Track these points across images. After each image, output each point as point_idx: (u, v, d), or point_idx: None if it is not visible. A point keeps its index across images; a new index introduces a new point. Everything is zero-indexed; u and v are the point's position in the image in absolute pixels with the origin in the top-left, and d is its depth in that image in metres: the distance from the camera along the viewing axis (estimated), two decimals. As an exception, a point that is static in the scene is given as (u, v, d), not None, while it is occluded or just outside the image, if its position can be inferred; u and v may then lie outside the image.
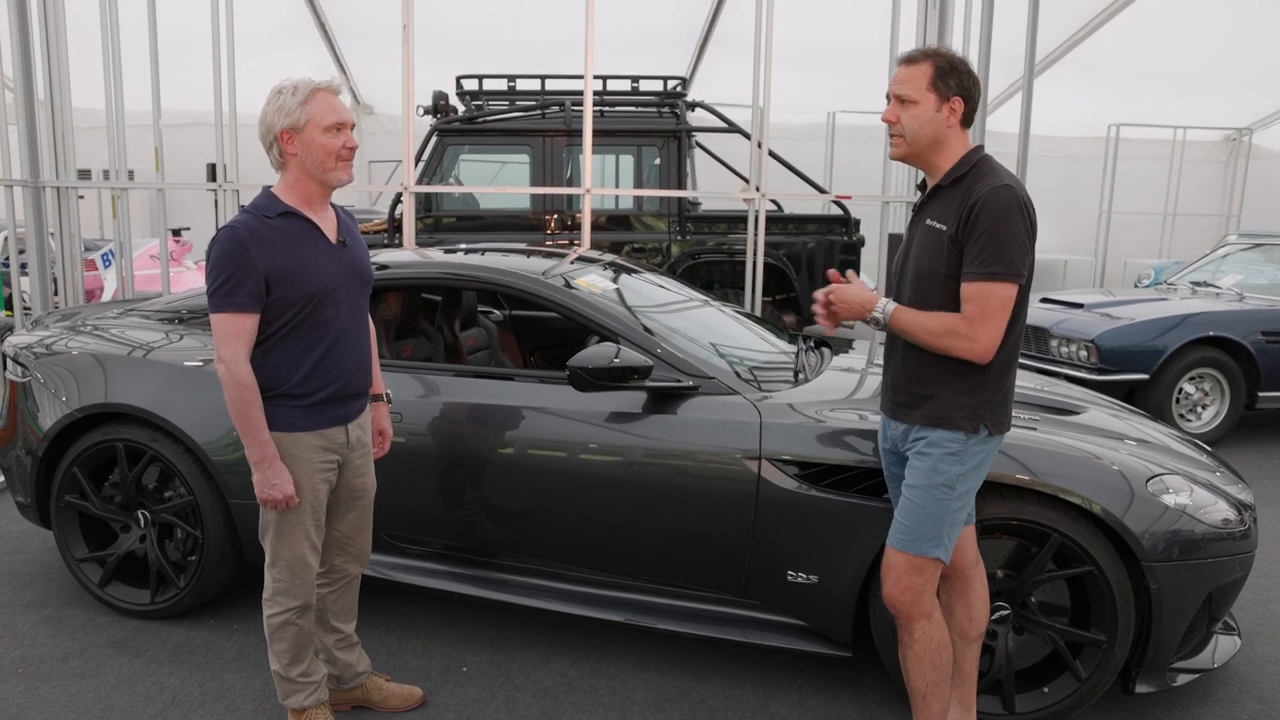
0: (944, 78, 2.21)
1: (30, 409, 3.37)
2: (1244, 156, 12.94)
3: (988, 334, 2.15)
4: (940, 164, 2.27)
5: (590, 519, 2.94)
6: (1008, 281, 2.14)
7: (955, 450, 2.24)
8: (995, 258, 2.13)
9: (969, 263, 2.16)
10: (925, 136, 2.24)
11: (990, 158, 2.26)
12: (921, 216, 2.33)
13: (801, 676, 3.02)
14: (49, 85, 5.13)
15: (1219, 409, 6.07)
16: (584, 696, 2.87)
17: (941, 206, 2.25)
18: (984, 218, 2.13)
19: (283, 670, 2.51)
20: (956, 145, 2.26)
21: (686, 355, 2.99)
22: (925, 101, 2.22)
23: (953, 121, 2.23)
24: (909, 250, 2.35)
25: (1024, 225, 2.14)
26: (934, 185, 2.30)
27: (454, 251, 3.62)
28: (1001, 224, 2.11)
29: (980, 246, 2.14)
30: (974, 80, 2.24)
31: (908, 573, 2.29)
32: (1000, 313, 2.15)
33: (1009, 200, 2.12)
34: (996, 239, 2.12)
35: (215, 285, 2.22)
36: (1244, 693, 3.01)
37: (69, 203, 5.37)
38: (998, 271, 2.13)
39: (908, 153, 2.30)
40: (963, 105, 2.23)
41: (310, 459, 2.36)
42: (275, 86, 2.26)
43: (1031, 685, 2.76)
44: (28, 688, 2.85)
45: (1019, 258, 2.13)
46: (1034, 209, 2.20)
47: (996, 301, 2.14)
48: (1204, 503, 2.75)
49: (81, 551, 3.36)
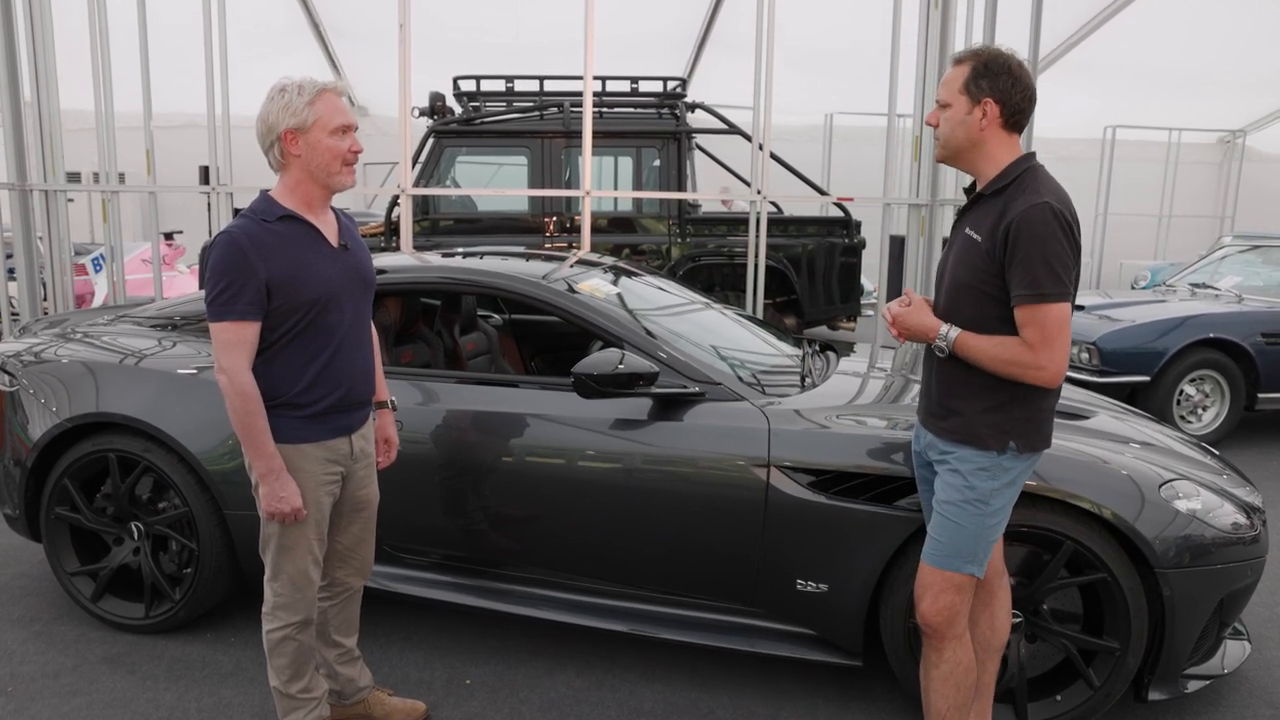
0: (976, 80, 2.14)
1: (18, 419, 3.30)
2: (1238, 159, 12.99)
3: (1054, 358, 2.08)
4: (984, 169, 2.20)
5: (595, 527, 2.89)
6: (1060, 301, 2.06)
7: (986, 466, 2.19)
8: (1044, 278, 2.05)
9: (1016, 285, 2.09)
10: (958, 140, 2.18)
11: (1037, 169, 2.16)
12: (963, 223, 2.26)
13: (810, 686, 2.98)
14: (35, 86, 5.06)
15: (1219, 410, 6.06)
16: (590, 709, 2.82)
17: (980, 216, 2.18)
18: (1024, 238, 2.05)
19: (282, 686, 2.45)
20: (1000, 151, 2.18)
21: (691, 360, 2.94)
22: (958, 104, 2.16)
23: (987, 125, 2.15)
24: (948, 257, 2.30)
25: (1066, 242, 2.06)
26: (977, 193, 2.23)
27: (452, 255, 3.57)
28: (1043, 244, 2.04)
29: (1026, 268, 2.06)
30: (1017, 83, 2.13)
31: (945, 591, 2.24)
32: (1060, 333, 2.08)
33: (1046, 218, 2.04)
34: (1042, 259, 2.04)
35: (215, 293, 2.15)
36: (1255, 698, 2.97)
37: (57, 206, 5.30)
38: (1048, 293, 2.05)
39: (944, 155, 2.25)
40: (998, 109, 2.14)
41: (314, 471, 2.30)
42: (277, 85, 2.20)
43: (1044, 693, 2.72)
44: (18, 708, 2.78)
45: (1065, 274, 2.06)
46: (1075, 221, 2.12)
47: (1054, 323, 2.07)
48: (1213, 507, 2.72)
49: (73, 565, 3.29)
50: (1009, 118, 2.15)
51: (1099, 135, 11.72)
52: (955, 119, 2.17)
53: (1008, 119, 2.15)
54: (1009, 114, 2.15)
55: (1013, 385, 2.15)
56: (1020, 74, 2.15)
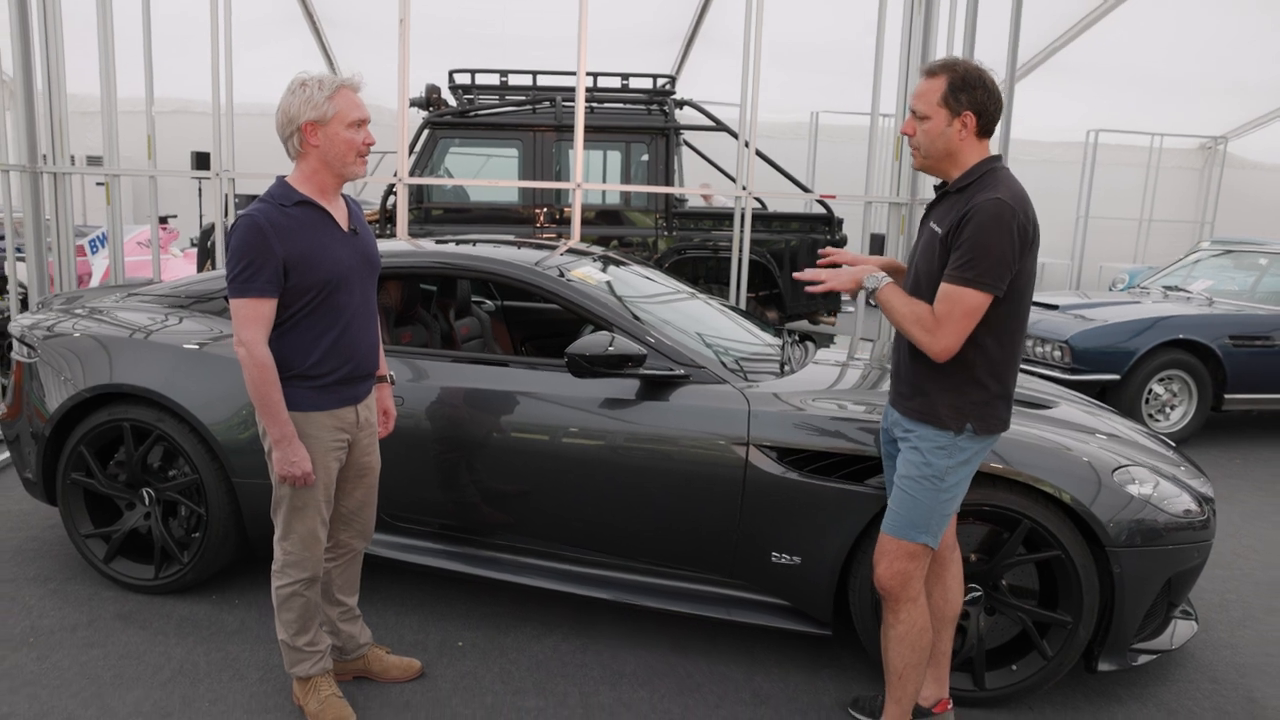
0: (955, 94, 2.28)
1: (37, 389, 3.45)
2: (1219, 164, 13.23)
3: (947, 335, 2.24)
4: (955, 174, 2.35)
5: (583, 501, 3.07)
6: (981, 290, 2.21)
7: (944, 445, 2.36)
8: (974, 265, 2.20)
9: (950, 265, 2.25)
10: (938, 150, 2.33)
11: (1001, 169, 2.31)
12: (929, 218, 2.44)
13: (783, 654, 3.17)
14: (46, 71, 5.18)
15: (1187, 410, 6.27)
16: (576, 670, 3.00)
17: (944, 211, 2.35)
18: (972, 226, 2.21)
19: (290, 639, 2.62)
20: (971, 155, 2.33)
21: (677, 345, 3.12)
22: (937, 117, 2.30)
23: (965, 135, 2.30)
24: (915, 249, 2.48)
25: (1011, 239, 2.20)
26: (944, 190, 2.40)
27: (444, 243, 3.73)
28: (986, 234, 2.19)
29: (962, 252, 2.22)
30: (991, 94, 2.29)
31: (899, 558, 2.42)
32: (965, 319, 2.23)
33: (999, 213, 2.19)
34: (984, 248, 2.19)
35: (236, 271, 2.32)
36: (1199, 673, 3.18)
37: (66, 189, 5.42)
38: (971, 278, 2.21)
39: (924, 165, 2.40)
40: (975, 120, 2.29)
41: (324, 438, 2.47)
42: (298, 79, 2.36)
43: (1001, 663, 2.91)
44: (40, 655, 2.95)
45: (997, 269, 2.20)
46: (1033, 222, 2.26)
47: (964, 307, 2.23)
48: (1167, 494, 2.91)
49: (87, 528, 3.45)
50: (984, 126, 2.32)
51: (1081, 139, 11.94)
52: (935, 131, 2.31)
53: (983, 128, 2.32)
54: (985, 123, 2.32)
55: (972, 371, 2.33)
56: (992, 85, 2.32)
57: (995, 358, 2.33)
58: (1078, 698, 2.98)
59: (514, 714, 2.75)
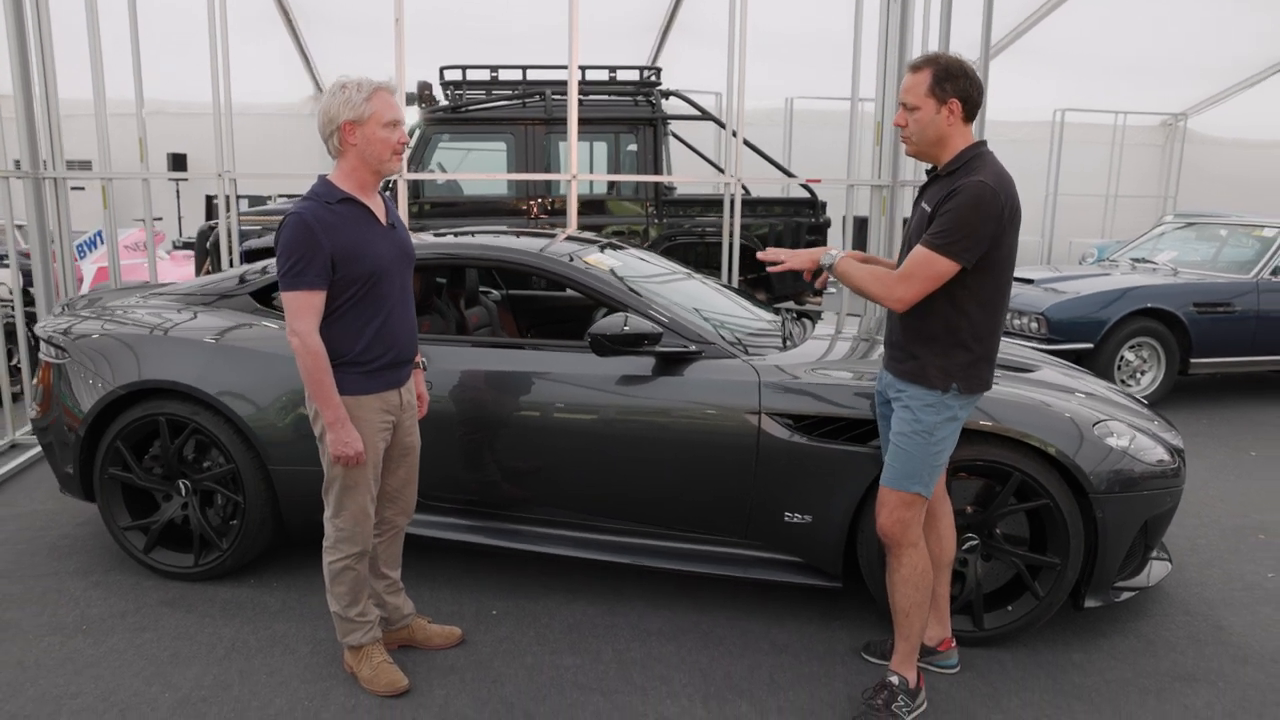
0: (940, 83, 2.50)
1: (68, 389, 3.58)
2: (1180, 141, 13.62)
3: (905, 289, 2.49)
4: (945, 158, 2.58)
5: (605, 473, 3.26)
6: (950, 258, 2.44)
7: (933, 403, 2.60)
8: (947, 235, 2.44)
9: (928, 233, 2.50)
10: (929, 137, 2.56)
11: (986, 154, 2.54)
12: (921, 199, 2.67)
13: (798, 607, 3.40)
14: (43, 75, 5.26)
15: (1156, 374, 6.58)
16: (606, 630, 3.21)
17: (934, 192, 2.57)
18: (954, 202, 2.45)
19: (342, 611, 2.80)
20: (959, 140, 2.55)
21: (688, 323, 3.33)
22: (926, 106, 2.52)
23: (953, 121, 2.53)
24: (910, 228, 2.71)
25: (987, 217, 2.42)
26: (936, 173, 2.62)
27: (443, 235, 3.89)
28: (965, 211, 2.42)
29: (941, 223, 2.46)
30: (972, 82, 2.52)
31: (898, 507, 2.65)
32: (929, 280, 2.47)
33: (980, 194, 2.42)
34: (955, 221, 2.43)
35: (287, 266, 2.49)
36: (1173, 607, 3.46)
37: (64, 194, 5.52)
38: (942, 245, 2.44)
39: (916, 151, 2.62)
40: (960, 106, 2.51)
41: (372, 420, 2.65)
42: (338, 82, 2.53)
43: (998, 605, 3.16)
44: (95, 640, 3.11)
45: (967, 242, 2.42)
46: (1014, 203, 2.48)
47: (928, 269, 2.46)
48: (1144, 446, 3.16)
49: (125, 520, 3.59)
50: (969, 112, 2.55)
51: (1049, 118, 12.27)
52: (925, 119, 2.54)
53: (968, 113, 2.55)
54: (969, 109, 2.55)
55: (958, 336, 2.56)
56: (973, 73, 2.55)
57: (979, 324, 2.56)
58: (1067, 634, 3.24)
59: (553, 671, 2.95)
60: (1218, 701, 2.85)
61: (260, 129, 11.50)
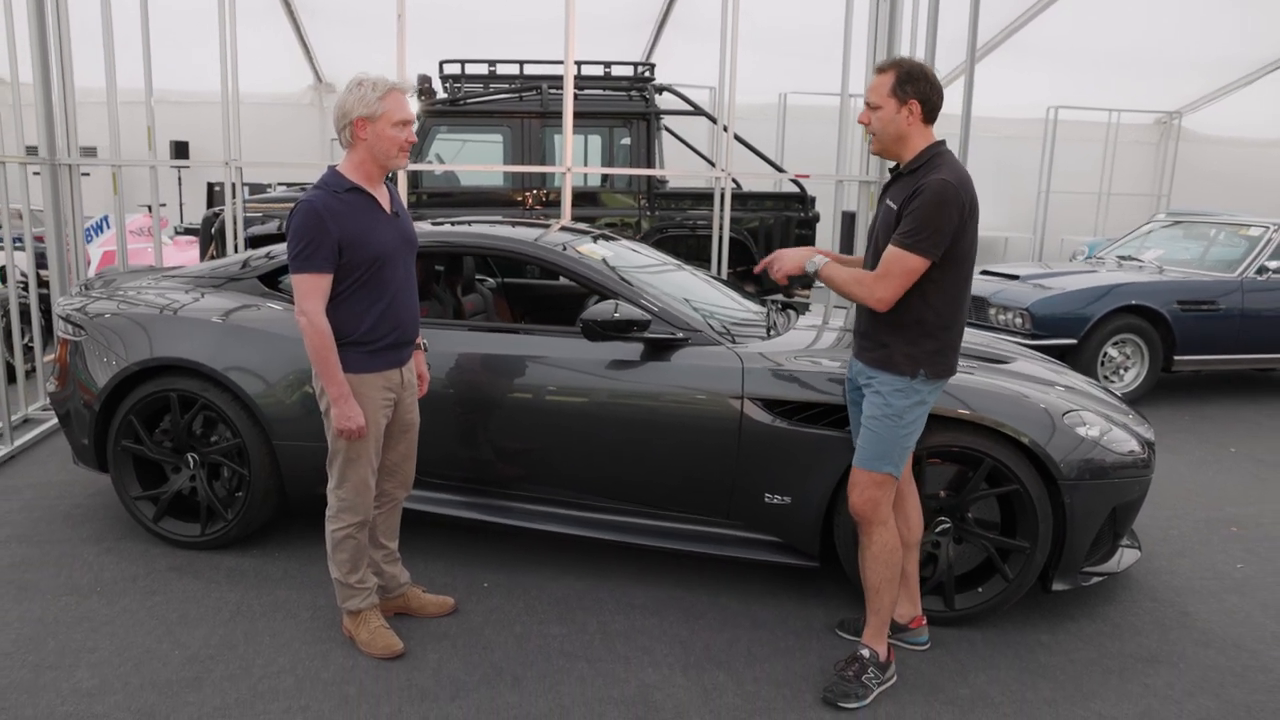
0: (902, 85, 2.66)
1: (85, 365, 3.73)
2: (1174, 139, 13.70)
3: (886, 288, 2.64)
4: (905, 156, 2.73)
5: (594, 454, 3.42)
6: (918, 254, 2.60)
7: (900, 388, 2.75)
8: (915, 234, 2.59)
9: (897, 232, 2.65)
10: (890, 134, 2.72)
11: (945, 153, 2.69)
12: (885, 196, 2.82)
13: (776, 585, 3.55)
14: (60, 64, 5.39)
15: (1139, 371, 6.71)
16: (592, 603, 3.37)
17: (898, 190, 2.73)
18: (919, 200, 2.60)
19: (343, 577, 2.96)
20: (919, 140, 2.71)
21: (677, 311, 3.48)
22: (887, 106, 2.69)
23: (913, 121, 2.68)
24: (874, 225, 2.86)
25: (950, 213, 2.58)
26: (898, 171, 2.77)
27: (441, 225, 4.03)
28: (931, 209, 2.58)
29: (909, 222, 2.62)
30: (933, 86, 2.69)
31: (869, 487, 2.81)
32: (904, 276, 2.62)
33: (944, 191, 2.58)
34: (923, 219, 2.59)
35: (296, 250, 2.64)
36: (1140, 593, 3.62)
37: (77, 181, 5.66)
38: (911, 244, 2.60)
39: (879, 148, 2.78)
40: (920, 107, 2.67)
41: (374, 396, 2.80)
42: (355, 79, 2.68)
43: (968, 586, 3.31)
44: (109, 601, 3.27)
45: (934, 239, 2.58)
46: (972, 199, 2.65)
47: (904, 266, 2.62)
48: (1116, 438, 3.29)
49: (136, 490, 3.75)
50: (928, 114, 2.71)
51: (1041, 115, 12.35)
52: (886, 117, 2.70)
53: (927, 114, 2.71)
54: (928, 110, 2.70)
55: (924, 326, 2.71)
56: (933, 78, 2.72)
57: (943, 314, 2.72)
58: (1035, 615, 3.39)
59: (541, 640, 3.11)
60: (1178, 681, 3.00)
61: (260, 118, 11.60)
